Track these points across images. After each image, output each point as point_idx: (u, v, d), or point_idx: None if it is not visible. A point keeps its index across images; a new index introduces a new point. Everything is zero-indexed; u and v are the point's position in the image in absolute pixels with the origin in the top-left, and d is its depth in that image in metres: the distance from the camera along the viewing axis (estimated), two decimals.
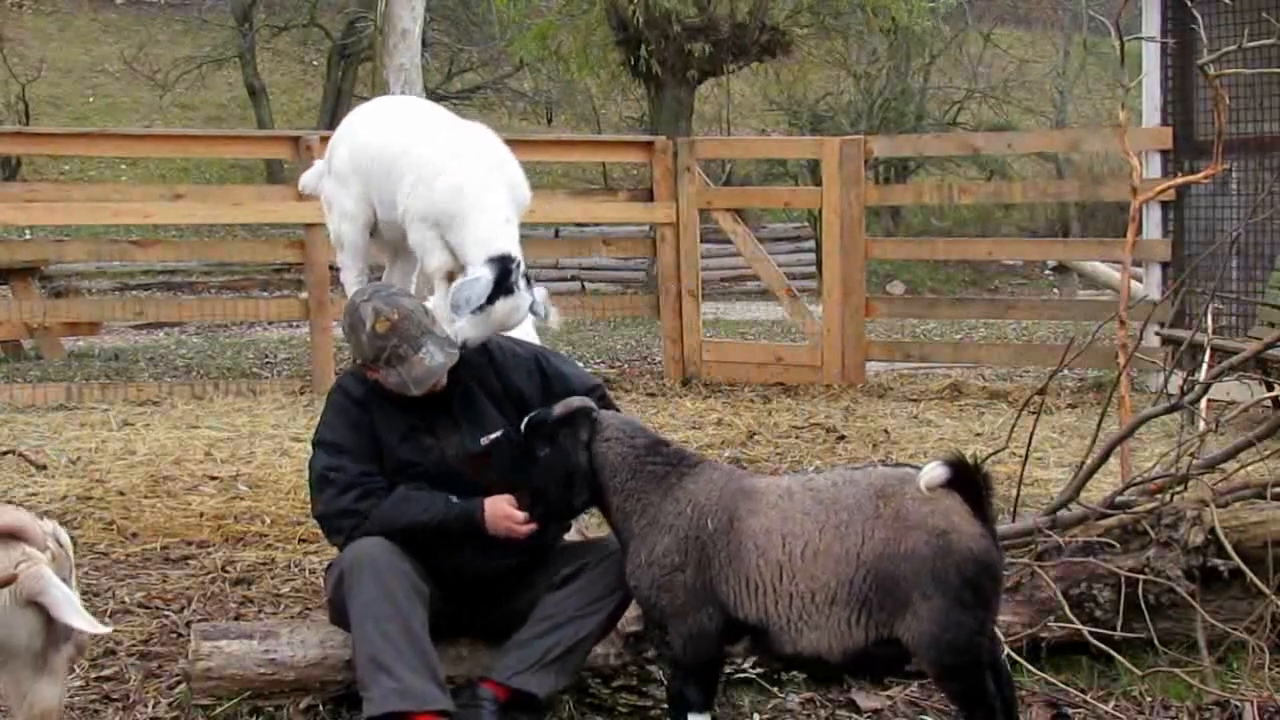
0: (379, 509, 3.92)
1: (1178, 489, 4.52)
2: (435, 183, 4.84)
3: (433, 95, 20.37)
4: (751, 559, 3.58)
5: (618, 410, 4.16)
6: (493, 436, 4.05)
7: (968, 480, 3.48)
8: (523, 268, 4.63)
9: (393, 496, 3.95)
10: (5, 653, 3.23)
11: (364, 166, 5.10)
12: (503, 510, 3.93)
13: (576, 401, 3.87)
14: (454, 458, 4.02)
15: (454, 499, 3.94)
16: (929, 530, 3.44)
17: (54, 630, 3.24)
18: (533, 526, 3.91)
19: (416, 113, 5.38)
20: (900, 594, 3.45)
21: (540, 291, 4.71)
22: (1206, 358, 5.23)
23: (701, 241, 11.01)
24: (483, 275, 4.51)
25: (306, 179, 5.66)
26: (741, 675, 4.25)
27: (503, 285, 4.50)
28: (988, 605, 3.51)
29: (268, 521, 6.02)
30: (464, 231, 4.75)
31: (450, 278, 4.87)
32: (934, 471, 3.48)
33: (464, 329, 4.31)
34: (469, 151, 4.97)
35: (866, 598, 3.48)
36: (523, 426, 3.87)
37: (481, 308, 4.44)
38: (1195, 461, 4.58)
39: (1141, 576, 4.30)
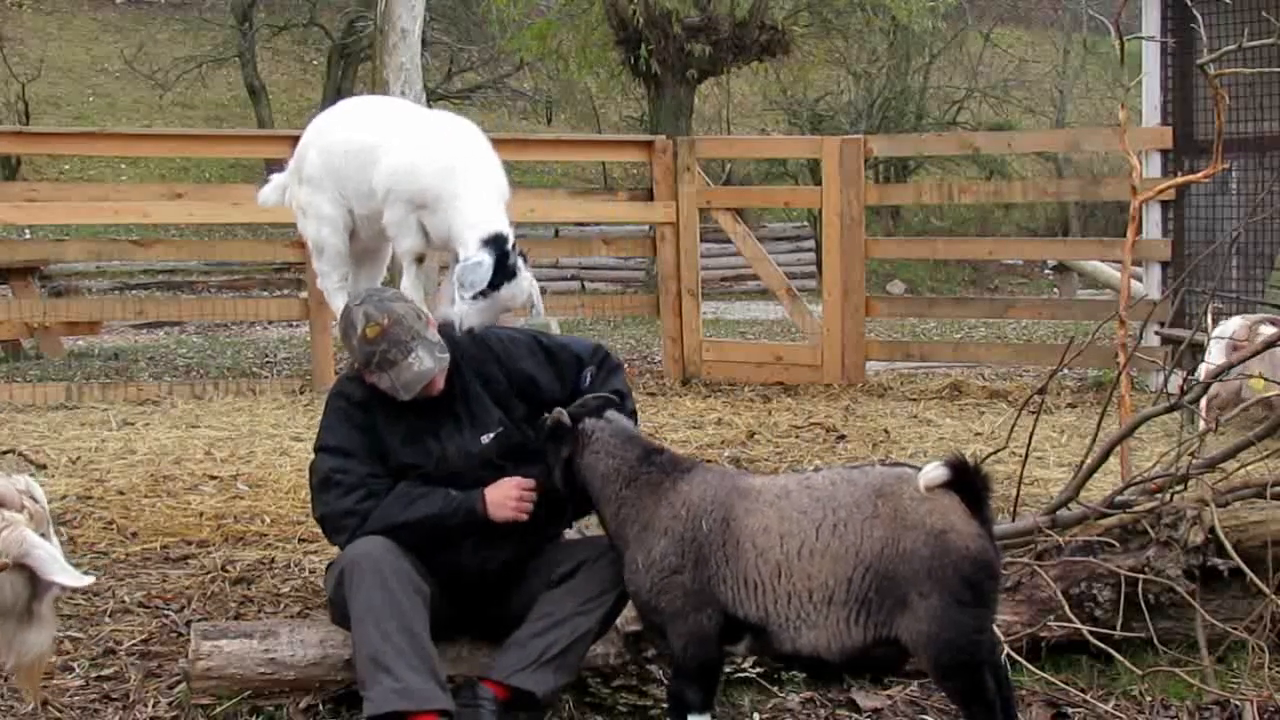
0: (379, 507, 3.93)
1: (1178, 488, 4.52)
2: (423, 163, 4.79)
3: (433, 95, 20.40)
4: (750, 558, 3.59)
5: (622, 370, 4.20)
6: (491, 434, 4.05)
7: (966, 480, 3.49)
8: (518, 248, 4.58)
9: (393, 494, 3.95)
10: None
11: (336, 165, 5.07)
12: (504, 492, 3.94)
13: (561, 413, 3.86)
14: (455, 456, 4.02)
15: (454, 493, 3.95)
16: (927, 530, 3.45)
17: (38, 583, 3.27)
18: (534, 496, 3.95)
19: (388, 106, 5.38)
20: (898, 593, 3.46)
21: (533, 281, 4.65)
22: (1206, 357, 5.23)
23: (701, 241, 11.01)
24: (483, 260, 4.43)
25: (266, 195, 5.56)
26: (741, 675, 4.25)
27: (504, 268, 4.46)
28: (986, 604, 3.52)
29: (268, 521, 6.02)
30: (453, 213, 4.69)
31: (420, 259, 4.84)
32: (933, 472, 3.49)
33: (468, 315, 4.27)
34: (454, 134, 4.95)
35: (865, 597, 3.48)
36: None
37: (484, 293, 4.40)
38: (1195, 461, 4.58)
39: (1141, 576, 4.30)
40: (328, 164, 5.08)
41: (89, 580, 3.32)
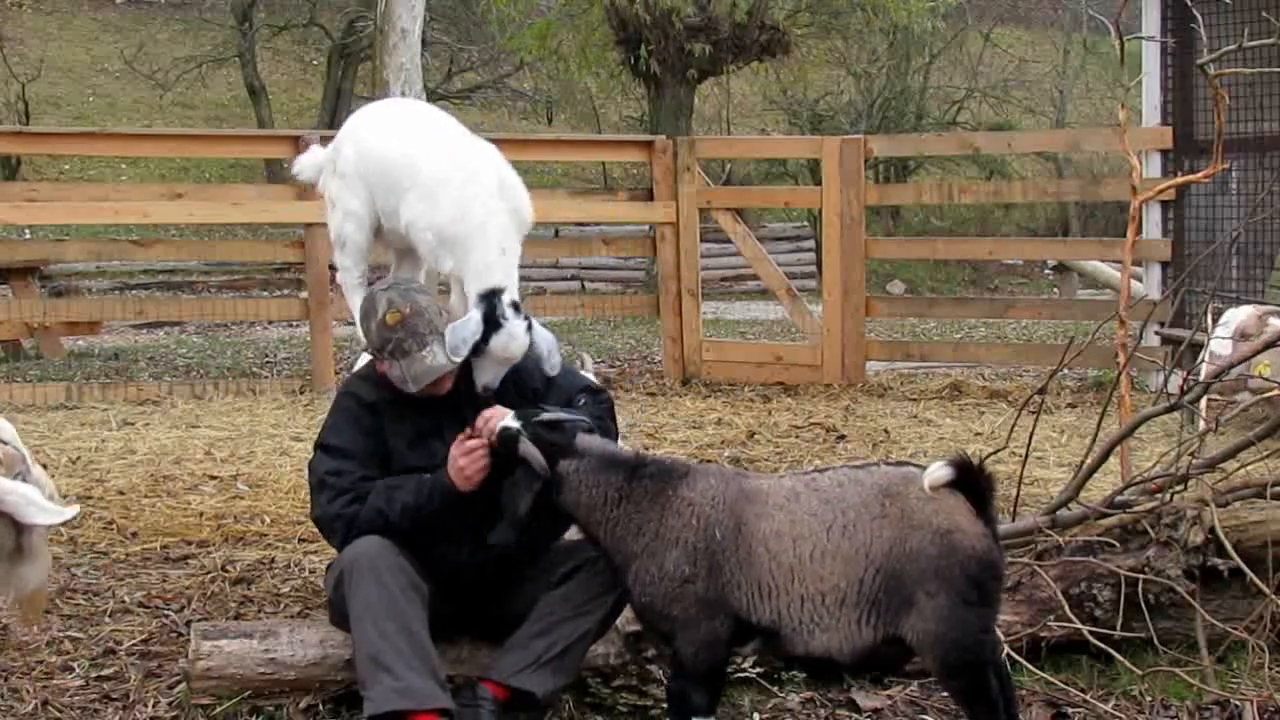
0: (366, 506, 3.91)
1: (1178, 488, 4.52)
2: (440, 203, 4.77)
3: (433, 95, 20.39)
4: (764, 562, 3.57)
5: (609, 406, 4.17)
6: None
7: (971, 480, 3.50)
8: (511, 297, 4.53)
9: (373, 494, 3.92)
10: None
11: (367, 171, 5.07)
12: (456, 464, 3.84)
13: (541, 464, 3.73)
14: None
15: (425, 476, 3.90)
16: (933, 530, 3.46)
17: (20, 522, 3.28)
18: (482, 451, 3.83)
19: (423, 122, 5.28)
20: (905, 593, 3.46)
21: (545, 333, 4.49)
22: (1206, 353, 5.24)
23: (701, 241, 11.02)
24: (471, 315, 4.43)
25: (304, 165, 5.52)
26: (741, 675, 4.25)
27: (491, 320, 4.43)
28: (991, 604, 3.53)
29: (268, 521, 6.03)
30: (464, 257, 4.70)
31: None
32: (938, 471, 3.49)
33: (478, 374, 4.26)
34: (474, 173, 4.88)
35: (875, 597, 3.49)
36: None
37: (478, 348, 4.37)
38: (1195, 461, 4.58)
39: (1141, 576, 4.30)
40: (359, 167, 5.08)
41: (72, 512, 3.32)
